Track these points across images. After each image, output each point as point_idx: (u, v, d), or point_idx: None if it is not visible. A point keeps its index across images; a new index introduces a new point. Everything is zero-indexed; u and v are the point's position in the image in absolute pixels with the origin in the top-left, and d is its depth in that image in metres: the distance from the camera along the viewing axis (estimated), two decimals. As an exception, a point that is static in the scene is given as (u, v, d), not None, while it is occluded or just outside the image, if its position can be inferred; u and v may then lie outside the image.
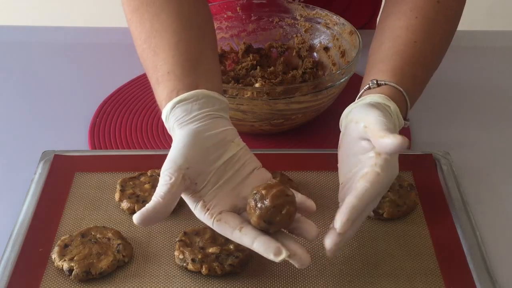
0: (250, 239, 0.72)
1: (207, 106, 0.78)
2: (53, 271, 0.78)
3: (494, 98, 1.13)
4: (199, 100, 0.78)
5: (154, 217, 0.72)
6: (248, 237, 0.73)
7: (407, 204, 0.86)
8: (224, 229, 0.74)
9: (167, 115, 0.79)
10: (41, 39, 1.27)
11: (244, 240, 0.73)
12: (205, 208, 0.75)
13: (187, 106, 0.78)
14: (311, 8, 1.11)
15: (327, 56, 1.09)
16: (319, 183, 0.90)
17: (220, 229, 0.74)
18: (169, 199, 0.73)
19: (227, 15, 1.13)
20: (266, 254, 0.71)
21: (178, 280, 0.77)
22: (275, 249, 0.71)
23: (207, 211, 0.74)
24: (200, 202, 0.75)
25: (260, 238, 0.72)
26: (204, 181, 0.75)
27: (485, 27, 1.40)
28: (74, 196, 0.88)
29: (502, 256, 0.83)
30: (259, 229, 0.73)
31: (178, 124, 0.77)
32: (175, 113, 0.78)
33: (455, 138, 1.03)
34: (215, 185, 0.75)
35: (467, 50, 1.24)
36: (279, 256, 0.71)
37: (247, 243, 0.73)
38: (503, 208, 0.90)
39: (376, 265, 0.79)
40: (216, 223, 0.74)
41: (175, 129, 0.78)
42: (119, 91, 1.11)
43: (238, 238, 0.73)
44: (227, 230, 0.74)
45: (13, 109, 1.09)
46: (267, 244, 0.72)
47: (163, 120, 0.80)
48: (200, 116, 0.77)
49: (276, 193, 0.72)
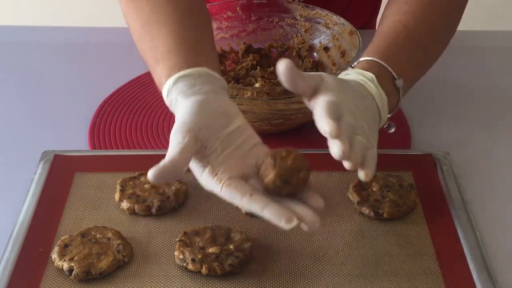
0: (260, 206, 0.71)
1: (210, 83, 0.78)
2: (53, 271, 0.78)
3: (494, 98, 1.13)
4: (202, 77, 0.78)
5: (169, 174, 0.71)
6: (259, 203, 0.71)
7: (407, 204, 0.86)
8: (233, 195, 0.72)
9: (169, 89, 0.78)
10: (41, 39, 1.27)
11: (254, 206, 0.71)
12: (213, 173, 0.73)
13: (190, 81, 0.77)
14: (311, 8, 1.11)
15: (327, 56, 1.09)
16: (319, 183, 0.90)
17: (229, 195, 0.72)
18: (184, 156, 0.72)
19: (227, 15, 1.13)
20: (277, 221, 0.70)
21: (178, 280, 0.77)
22: (286, 216, 0.70)
23: (216, 176, 0.73)
24: (208, 167, 0.73)
25: (271, 205, 0.71)
26: (213, 146, 0.74)
27: (486, 27, 1.40)
28: (74, 196, 0.88)
29: (502, 256, 0.83)
30: (269, 193, 0.72)
31: (182, 96, 0.76)
32: (178, 87, 0.77)
33: (455, 138, 1.03)
34: (223, 152, 0.74)
35: (467, 50, 1.24)
36: (291, 223, 0.70)
37: (257, 209, 0.71)
38: (503, 208, 0.90)
39: (376, 265, 0.79)
40: (225, 188, 0.72)
41: (179, 100, 0.77)
42: (119, 91, 1.11)
43: (247, 204, 0.72)
44: (237, 195, 0.72)
45: (13, 109, 1.09)
46: (278, 211, 0.70)
47: (164, 96, 0.79)
48: (203, 90, 0.77)
49: (297, 156, 0.73)
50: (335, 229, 0.84)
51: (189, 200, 0.88)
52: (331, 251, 0.81)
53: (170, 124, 1.03)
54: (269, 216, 0.71)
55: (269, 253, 0.81)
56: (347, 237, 0.83)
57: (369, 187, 0.88)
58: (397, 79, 0.83)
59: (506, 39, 1.30)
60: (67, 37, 1.28)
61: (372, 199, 0.86)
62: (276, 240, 0.82)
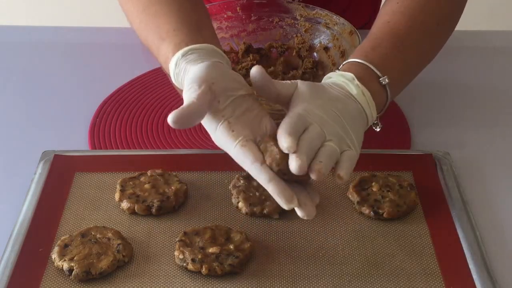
0: (268, 177, 0.71)
1: (217, 58, 0.79)
2: (53, 271, 0.78)
3: (494, 98, 1.13)
4: (209, 52, 0.78)
5: (187, 118, 0.71)
6: (267, 174, 0.71)
7: (407, 204, 0.86)
8: (246, 156, 0.72)
9: (177, 61, 0.78)
10: (41, 39, 1.27)
11: (261, 175, 0.71)
12: (230, 129, 0.73)
13: (198, 53, 0.78)
14: (311, 8, 1.11)
15: (327, 56, 1.09)
16: (319, 183, 0.90)
17: (242, 155, 0.72)
18: (201, 101, 0.72)
19: (227, 15, 1.13)
20: (279, 198, 0.71)
21: (178, 280, 0.77)
22: (288, 196, 0.70)
23: (232, 132, 0.73)
24: (225, 122, 0.73)
25: (278, 180, 0.71)
26: (225, 102, 0.74)
27: (485, 27, 1.40)
28: (74, 196, 0.88)
29: (502, 256, 0.83)
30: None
31: (192, 63, 0.77)
32: (187, 58, 0.78)
33: (455, 138, 1.03)
34: (234, 111, 0.74)
35: (467, 50, 1.24)
36: (291, 203, 0.70)
37: (263, 179, 0.71)
38: (503, 208, 0.90)
39: (376, 265, 0.79)
40: (240, 147, 0.72)
41: (188, 68, 0.77)
42: (119, 91, 1.11)
43: (256, 171, 0.72)
44: (249, 158, 0.72)
45: (13, 109, 1.09)
46: (283, 188, 0.71)
47: (171, 68, 0.79)
48: (213, 60, 0.77)
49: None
50: (335, 229, 0.84)
51: (189, 200, 0.88)
52: (331, 251, 0.81)
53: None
54: (272, 190, 0.71)
55: (269, 253, 0.81)
56: (347, 237, 0.83)
57: (369, 187, 0.88)
58: (382, 77, 0.83)
59: (506, 39, 1.30)
60: (67, 37, 1.28)
61: (372, 199, 0.86)
62: (276, 240, 0.82)
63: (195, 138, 1.01)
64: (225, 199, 0.88)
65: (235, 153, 0.73)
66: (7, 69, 1.19)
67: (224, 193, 0.88)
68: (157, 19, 0.85)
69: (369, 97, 0.80)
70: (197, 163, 0.93)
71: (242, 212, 0.86)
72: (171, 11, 0.84)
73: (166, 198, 0.86)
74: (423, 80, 0.94)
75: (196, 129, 1.02)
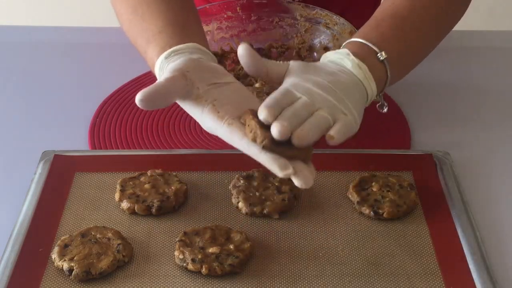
0: (258, 149, 0.71)
1: (197, 55, 0.79)
2: (53, 271, 0.78)
3: (494, 98, 1.13)
4: (193, 53, 0.79)
5: (156, 97, 0.72)
6: (257, 146, 0.71)
7: (407, 204, 0.86)
8: (234, 134, 0.72)
9: (161, 64, 0.80)
10: (41, 39, 1.27)
11: (251, 149, 0.71)
12: (215, 110, 0.73)
13: (182, 55, 0.79)
14: (311, 8, 1.11)
15: (327, 56, 1.09)
16: (319, 183, 0.90)
17: (230, 134, 0.73)
18: (169, 82, 0.73)
19: (227, 15, 1.13)
20: (272, 167, 0.70)
21: (178, 280, 0.77)
22: (282, 162, 0.69)
23: (218, 113, 0.73)
24: (210, 105, 0.74)
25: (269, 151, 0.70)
26: (207, 87, 0.75)
27: (485, 27, 1.40)
28: (74, 196, 0.88)
29: (502, 256, 0.83)
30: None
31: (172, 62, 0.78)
32: (170, 60, 0.79)
33: (455, 138, 1.03)
34: (221, 95, 0.75)
35: (467, 50, 1.24)
36: (285, 170, 0.69)
37: (254, 152, 0.71)
38: (503, 208, 0.90)
39: (376, 265, 0.79)
40: (227, 126, 0.72)
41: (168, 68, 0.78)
42: (119, 91, 1.11)
43: (246, 145, 0.72)
44: (237, 134, 0.72)
45: (13, 109, 1.09)
46: (276, 157, 0.70)
47: (156, 71, 0.81)
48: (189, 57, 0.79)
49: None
50: (335, 229, 0.84)
51: (189, 200, 0.88)
52: (331, 251, 0.81)
53: (170, 124, 1.03)
54: (265, 159, 0.70)
55: (269, 253, 0.81)
56: (347, 237, 0.83)
57: (369, 187, 0.88)
58: (379, 53, 0.83)
59: (506, 39, 1.30)
60: (67, 37, 1.28)
61: (372, 199, 0.86)
62: (276, 240, 0.82)
63: (195, 138, 1.01)
64: (225, 199, 0.88)
65: (223, 132, 0.73)
66: (7, 69, 1.19)
67: (224, 193, 0.88)
68: (144, 21, 0.85)
69: (366, 70, 0.80)
70: (197, 163, 0.93)
71: (242, 212, 0.86)
72: (158, 12, 0.85)
73: (166, 198, 0.86)
74: (423, 80, 0.94)
75: (196, 129, 1.02)
